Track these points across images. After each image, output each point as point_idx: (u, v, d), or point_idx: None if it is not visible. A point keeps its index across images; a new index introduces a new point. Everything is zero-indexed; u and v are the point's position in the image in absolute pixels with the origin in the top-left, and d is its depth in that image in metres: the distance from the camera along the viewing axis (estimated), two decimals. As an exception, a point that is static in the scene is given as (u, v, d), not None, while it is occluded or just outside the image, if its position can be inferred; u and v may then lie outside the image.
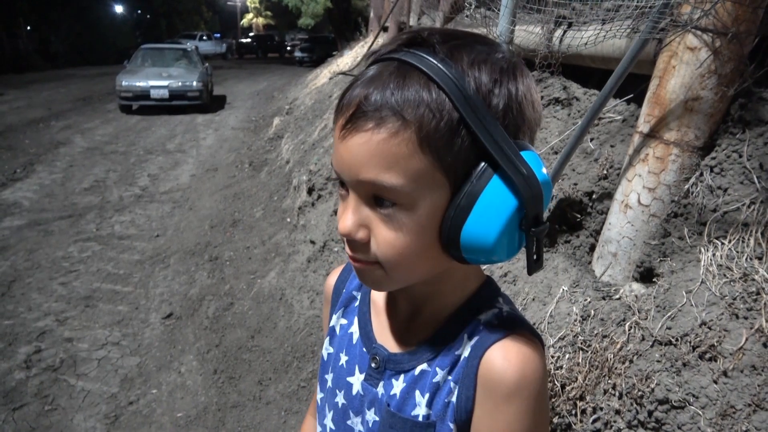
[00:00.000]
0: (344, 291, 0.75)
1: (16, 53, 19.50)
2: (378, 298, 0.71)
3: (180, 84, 10.82)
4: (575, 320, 1.46)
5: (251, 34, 43.06)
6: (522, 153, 0.51)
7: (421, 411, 0.61)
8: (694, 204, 1.46)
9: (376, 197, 0.53)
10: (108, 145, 7.93)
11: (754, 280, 1.21)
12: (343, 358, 0.71)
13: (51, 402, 2.49)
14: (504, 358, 0.57)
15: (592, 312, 1.44)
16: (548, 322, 1.52)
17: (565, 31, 2.23)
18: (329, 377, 0.73)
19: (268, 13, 43.39)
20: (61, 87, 14.53)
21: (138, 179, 6.25)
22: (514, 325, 0.60)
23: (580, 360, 1.39)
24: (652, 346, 1.27)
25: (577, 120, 2.22)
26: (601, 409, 1.31)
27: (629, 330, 1.33)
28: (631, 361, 1.28)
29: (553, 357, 1.45)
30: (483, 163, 0.51)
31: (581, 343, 1.40)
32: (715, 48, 1.40)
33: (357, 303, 0.73)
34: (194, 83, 10.96)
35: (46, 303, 3.36)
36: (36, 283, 3.62)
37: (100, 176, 6.28)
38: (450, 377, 0.60)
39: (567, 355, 1.42)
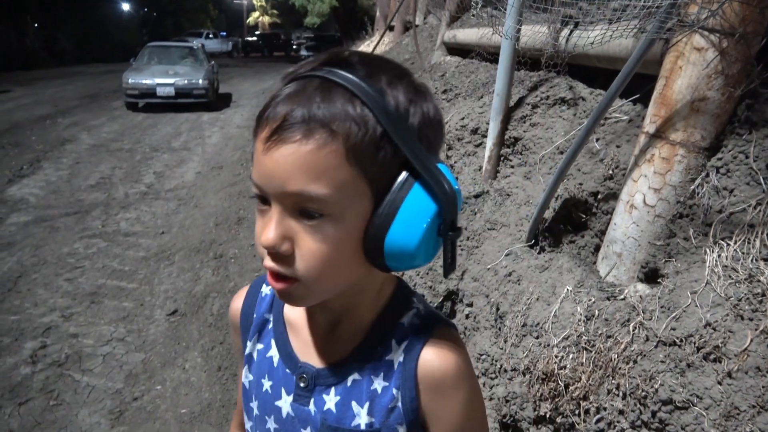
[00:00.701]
0: (254, 315, 0.74)
1: (24, 50, 19.59)
2: (293, 316, 0.70)
3: (186, 82, 10.84)
4: (579, 320, 1.46)
5: (257, 32, 43.11)
6: (439, 164, 0.55)
7: (362, 420, 0.63)
8: (699, 205, 1.45)
9: (301, 209, 0.53)
10: (114, 142, 7.96)
11: (759, 281, 1.20)
12: (267, 384, 0.70)
13: (56, 397, 2.50)
14: (440, 356, 0.62)
15: (597, 312, 1.44)
16: (552, 322, 1.52)
17: (571, 31, 2.23)
18: (254, 405, 0.72)
19: (275, 11, 43.48)
20: (67, 84, 14.59)
21: (143, 176, 6.27)
22: (434, 322, 0.65)
23: (584, 360, 1.39)
24: (656, 346, 1.27)
25: (582, 120, 2.21)
26: (605, 409, 1.31)
27: (633, 330, 1.33)
28: (635, 362, 1.28)
29: (556, 357, 1.45)
30: (405, 173, 0.54)
31: (585, 343, 1.40)
32: (722, 48, 1.39)
33: (271, 325, 0.72)
34: (200, 81, 10.98)
35: (52, 299, 3.38)
36: (42, 279, 3.64)
37: (105, 173, 6.31)
38: (388, 384, 0.63)
39: (571, 355, 1.42)
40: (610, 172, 1.86)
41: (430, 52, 5.40)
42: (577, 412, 1.37)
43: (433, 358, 0.62)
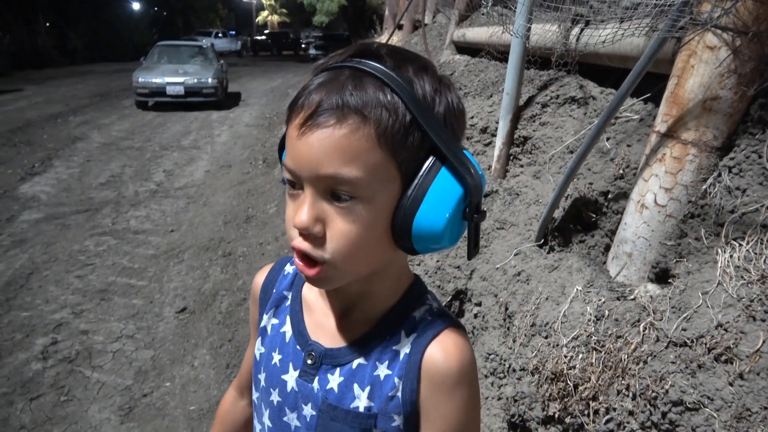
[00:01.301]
0: (274, 291, 0.77)
1: (35, 49, 19.75)
2: (310, 298, 0.73)
3: (195, 81, 10.90)
4: (589, 320, 1.45)
5: (266, 31, 43.24)
6: (463, 151, 0.59)
7: (361, 403, 0.65)
8: (711, 205, 1.44)
9: (333, 192, 0.56)
10: (124, 140, 8.02)
11: (772, 282, 1.19)
12: (276, 357, 0.73)
13: (67, 393, 2.53)
14: (445, 353, 0.63)
15: (607, 312, 1.43)
16: (561, 322, 1.51)
17: (582, 30, 2.21)
18: (262, 377, 0.75)
19: (284, 10, 43.58)
20: (78, 83, 14.71)
21: (153, 175, 6.31)
22: (444, 321, 0.67)
23: (593, 360, 1.38)
24: (666, 347, 1.26)
25: (593, 119, 2.20)
26: (614, 409, 1.31)
27: (644, 331, 1.32)
28: (645, 362, 1.27)
29: (566, 357, 1.44)
30: (432, 158, 0.57)
31: (595, 344, 1.40)
32: (735, 47, 1.38)
33: (288, 303, 0.75)
34: (209, 80, 11.03)
35: (63, 296, 3.41)
36: (53, 276, 3.67)
37: (116, 171, 6.35)
38: (391, 372, 0.65)
39: (580, 355, 1.41)
40: (621, 171, 1.85)
41: (439, 51, 5.39)
42: (586, 412, 1.37)
43: (438, 354, 0.63)
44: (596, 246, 1.89)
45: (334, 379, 0.67)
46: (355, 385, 0.66)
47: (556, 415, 1.44)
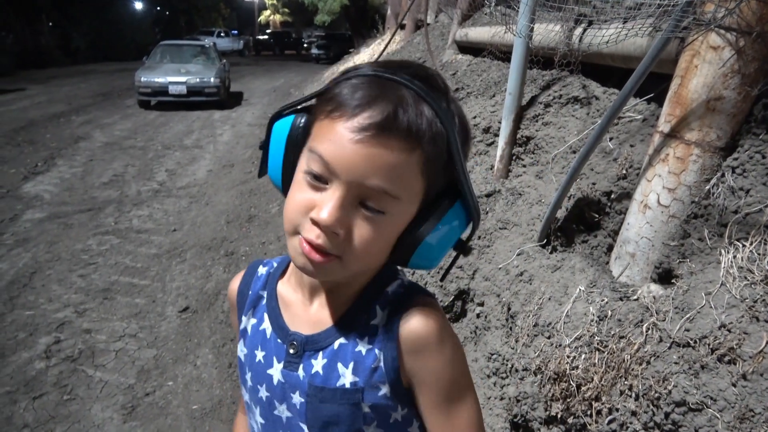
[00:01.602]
0: (249, 293, 0.79)
1: (38, 49, 19.78)
2: (285, 292, 0.75)
3: (198, 80, 10.90)
4: (592, 320, 1.45)
5: (268, 31, 43.26)
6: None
7: (346, 380, 0.67)
8: (715, 205, 1.44)
9: (365, 201, 0.58)
10: (127, 140, 8.03)
11: (775, 282, 1.19)
12: (259, 355, 0.74)
13: (69, 392, 2.53)
14: (419, 321, 0.66)
15: (609, 312, 1.43)
16: (564, 322, 1.51)
17: (585, 30, 2.21)
18: (248, 376, 0.76)
19: (286, 10, 43.60)
20: (81, 82, 14.73)
21: (156, 174, 6.31)
22: (416, 291, 0.71)
23: (596, 360, 1.38)
24: (669, 347, 1.26)
25: (596, 119, 2.20)
26: (617, 410, 1.31)
27: (647, 331, 1.32)
28: (648, 363, 1.27)
29: (568, 357, 1.44)
30: (451, 190, 0.62)
31: (598, 344, 1.40)
32: (739, 47, 1.38)
33: (264, 301, 0.77)
34: (212, 79, 11.04)
35: (66, 295, 3.42)
36: (56, 275, 3.68)
37: (118, 171, 6.36)
38: (371, 346, 0.67)
39: (583, 356, 1.41)
40: (624, 171, 1.84)
41: (442, 50, 5.38)
42: (589, 412, 1.37)
43: (413, 322, 0.66)
44: (599, 246, 1.89)
45: (318, 363, 0.68)
46: (339, 364, 0.68)
47: (559, 416, 1.44)
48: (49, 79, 15.29)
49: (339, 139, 0.56)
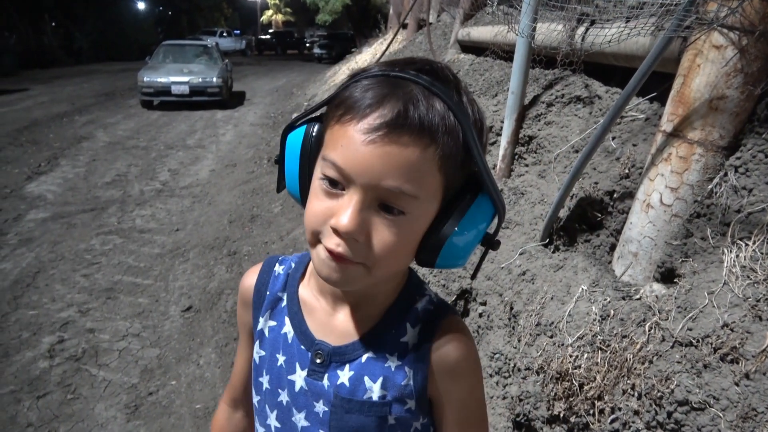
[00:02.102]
0: (267, 293, 0.77)
1: (41, 49, 19.84)
2: (308, 297, 0.73)
3: (200, 80, 10.93)
4: (594, 320, 1.45)
5: (271, 30, 43.32)
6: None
7: (374, 393, 0.67)
8: (717, 204, 1.44)
9: (383, 203, 0.56)
10: (129, 140, 8.05)
11: (778, 282, 1.19)
12: (281, 359, 0.73)
13: (73, 391, 2.54)
14: (453, 345, 0.67)
15: (612, 312, 1.43)
16: (567, 321, 1.51)
17: (587, 29, 2.21)
18: (265, 379, 0.75)
19: (288, 9, 43.62)
20: (84, 82, 14.77)
21: (159, 174, 6.33)
22: (445, 310, 0.71)
23: (598, 360, 1.38)
24: (672, 347, 1.26)
25: (598, 118, 2.20)
26: (620, 409, 1.31)
27: (649, 330, 1.32)
28: (650, 362, 1.27)
29: (571, 356, 1.44)
30: (474, 185, 0.60)
31: (600, 343, 1.40)
32: (742, 46, 1.38)
33: (284, 303, 0.75)
34: (214, 79, 11.06)
35: (69, 294, 3.43)
36: (59, 274, 3.69)
37: (121, 170, 6.38)
38: (401, 363, 0.67)
39: (585, 355, 1.41)
40: (627, 171, 1.84)
41: (444, 50, 5.38)
42: (591, 412, 1.37)
43: (446, 347, 0.67)
44: (601, 245, 1.89)
45: (344, 374, 0.68)
46: (366, 378, 0.68)
47: (562, 415, 1.44)
48: (52, 79, 15.33)
49: (351, 142, 0.55)
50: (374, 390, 0.67)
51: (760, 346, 1.12)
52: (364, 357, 0.68)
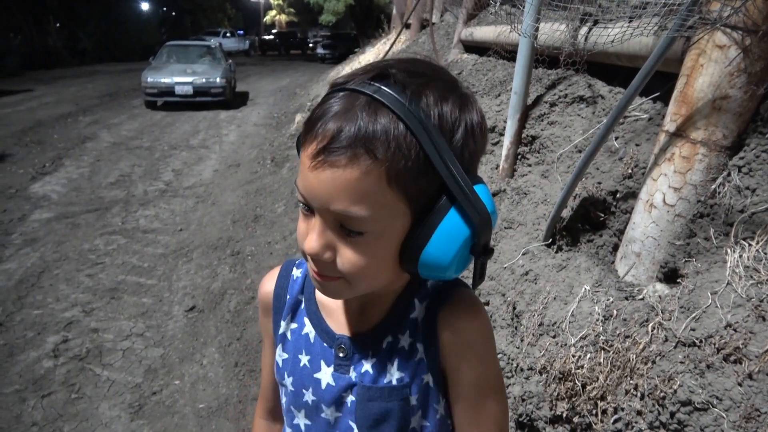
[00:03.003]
0: (288, 297, 0.78)
1: (46, 50, 19.93)
2: (324, 298, 0.75)
3: (204, 80, 10.96)
4: (597, 320, 1.45)
5: (274, 31, 43.35)
6: (475, 187, 0.57)
7: (393, 377, 0.68)
8: (721, 204, 1.43)
9: (342, 225, 0.57)
10: (133, 140, 8.07)
11: (782, 282, 1.19)
12: (304, 359, 0.74)
13: (77, 390, 2.55)
14: (460, 317, 0.67)
15: (615, 312, 1.43)
16: (570, 322, 1.51)
17: (590, 29, 2.21)
18: (288, 381, 0.76)
19: (291, 10, 43.66)
20: (88, 83, 14.82)
21: (162, 174, 6.35)
22: (455, 284, 0.71)
23: (601, 360, 1.38)
24: (675, 347, 1.26)
25: (601, 118, 2.20)
26: (623, 409, 1.30)
27: (652, 331, 1.32)
28: (653, 362, 1.27)
29: (574, 356, 1.44)
30: (443, 197, 0.57)
31: (603, 343, 1.40)
32: (745, 46, 1.37)
33: (303, 305, 0.77)
34: (218, 80, 11.08)
35: (74, 294, 3.44)
36: (64, 274, 3.71)
37: (125, 171, 6.40)
38: (413, 339, 0.69)
39: (588, 355, 1.41)
40: (630, 170, 1.84)
41: (447, 50, 5.38)
42: (594, 412, 1.37)
43: (452, 315, 0.68)
44: (604, 245, 1.89)
45: (369, 363, 0.70)
46: (388, 363, 0.69)
47: (564, 415, 1.44)
48: (57, 79, 15.39)
49: (304, 168, 0.57)
50: (393, 374, 0.68)
51: (763, 346, 1.11)
52: (384, 342, 0.69)
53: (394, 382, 0.68)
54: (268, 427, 0.90)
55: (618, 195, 1.87)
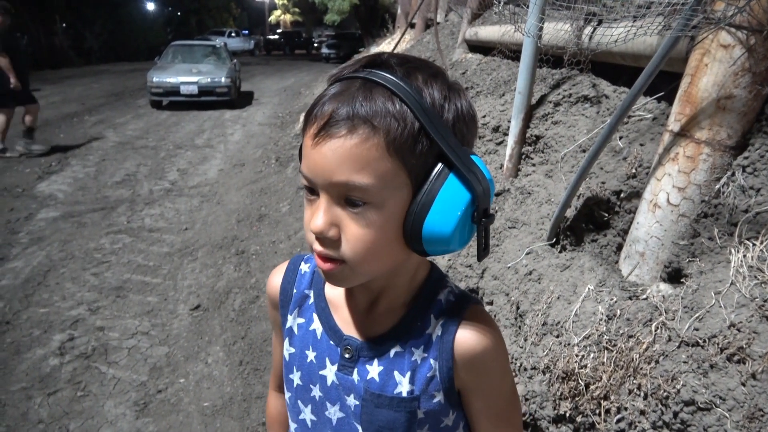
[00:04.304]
0: (294, 291, 0.79)
1: (52, 49, 20.02)
2: (333, 294, 0.76)
3: (209, 80, 10.98)
4: (601, 319, 1.45)
5: (279, 30, 43.45)
6: (472, 156, 0.60)
7: (403, 388, 0.69)
8: (725, 204, 1.43)
9: (347, 198, 0.59)
10: (139, 139, 8.11)
11: (786, 282, 1.18)
12: (311, 355, 0.76)
13: (83, 388, 2.57)
14: (475, 336, 0.68)
15: (618, 312, 1.43)
16: (573, 321, 1.51)
17: (594, 28, 2.21)
18: (296, 376, 0.77)
19: (296, 9, 43.71)
20: (94, 83, 14.88)
21: (167, 173, 6.37)
22: (467, 300, 0.72)
23: (605, 359, 1.38)
24: (678, 347, 1.26)
25: (605, 118, 2.19)
26: (626, 409, 1.31)
27: (656, 330, 1.32)
28: (657, 362, 1.27)
29: (577, 356, 1.44)
30: (440, 165, 0.59)
31: (606, 343, 1.40)
32: (750, 45, 1.37)
33: (311, 301, 0.78)
34: (223, 79, 11.11)
35: (79, 292, 3.46)
36: (70, 273, 3.73)
37: (131, 170, 6.42)
38: (427, 355, 0.69)
39: (591, 355, 1.41)
40: (634, 170, 1.84)
41: (452, 49, 5.38)
42: (597, 411, 1.37)
43: (469, 337, 0.68)
44: (608, 245, 1.88)
45: (374, 369, 0.70)
46: (396, 372, 0.70)
47: (567, 414, 1.44)
48: (63, 79, 15.46)
49: (306, 150, 0.60)
50: (403, 384, 0.69)
51: (767, 346, 1.11)
52: (392, 352, 0.70)
53: (404, 394, 0.69)
54: (282, 399, 0.92)
55: (622, 195, 1.87)
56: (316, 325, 0.76)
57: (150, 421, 2.38)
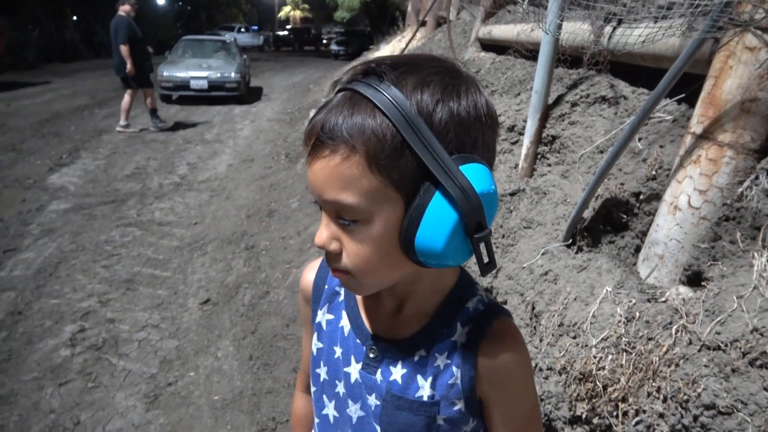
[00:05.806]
0: (326, 287, 0.80)
1: (63, 43, 20.12)
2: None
3: (219, 75, 11.00)
4: (619, 321, 1.44)
5: (288, 26, 43.47)
6: (464, 167, 0.56)
7: (425, 392, 0.69)
8: (747, 208, 1.42)
9: (338, 215, 0.59)
10: (148, 133, 8.13)
11: (811, 287, 1.17)
12: (338, 351, 0.76)
13: (94, 379, 2.58)
14: (500, 350, 0.68)
15: (637, 314, 1.42)
16: (591, 322, 1.50)
17: (614, 28, 2.19)
18: (322, 371, 0.78)
19: (306, 6, 43.74)
20: (104, 76, 14.90)
21: (177, 167, 6.39)
22: (497, 311, 0.71)
23: (623, 362, 1.37)
24: (699, 350, 1.24)
25: (624, 119, 2.18)
26: (644, 411, 1.30)
27: (676, 333, 1.31)
28: (677, 365, 1.26)
29: (594, 357, 1.43)
30: (426, 181, 0.56)
31: (625, 345, 1.39)
32: (777, 48, 1.36)
33: (341, 298, 0.78)
34: (232, 75, 11.13)
35: (90, 284, 3.48)
36: (80, 265, 3.75)
37: (141, 164, 6.44)
38: (450, 362, 0.69)
39: (610, 356, 1.40)
40: (653, 172, 1.83)
41: (464, 48, 5.36)
42: (614, 413, 1.36)
43: (493, 350, 0.68)
44: (626, 247, 1.87)
45: (397, 371, 0.70)
46: (419, 376, 0.69)
47: (584, 416, 1.43)
48: (74, 72, 15.53)
49: (308, 167, 0.61)
50: (425, 389, 0.69)
51: (791, 351, 1.10)
52: (417, 356, 0.70)
53: (425, 398, 0.69)
54: (308, 400, 0.92)
55: (641, 197, 1.86)
56: (345, 322, 0.76)
57: (160, 413, 2.39)
